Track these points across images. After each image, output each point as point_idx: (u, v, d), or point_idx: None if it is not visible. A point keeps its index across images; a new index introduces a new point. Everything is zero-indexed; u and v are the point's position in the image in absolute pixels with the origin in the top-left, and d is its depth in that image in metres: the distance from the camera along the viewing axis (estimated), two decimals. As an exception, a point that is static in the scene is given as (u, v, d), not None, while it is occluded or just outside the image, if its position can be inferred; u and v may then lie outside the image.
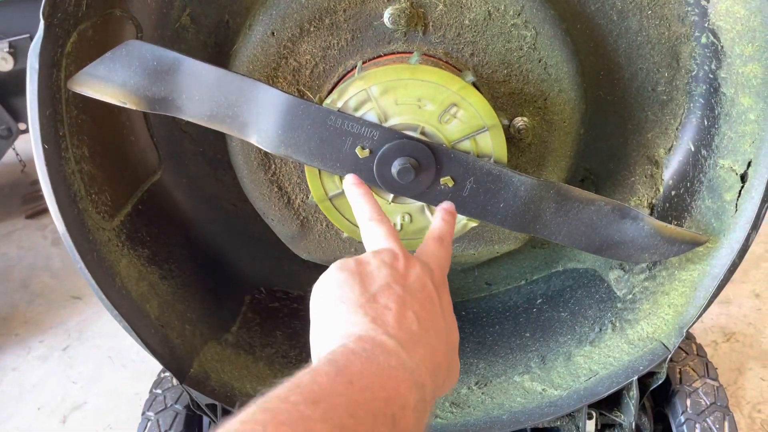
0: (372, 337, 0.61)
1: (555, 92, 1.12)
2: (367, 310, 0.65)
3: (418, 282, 0.71)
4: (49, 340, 2.25)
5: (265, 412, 0.48)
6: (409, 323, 0.65)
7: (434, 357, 0.65)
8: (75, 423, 1.93)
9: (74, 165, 1.05)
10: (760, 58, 0.98)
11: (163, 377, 1.34)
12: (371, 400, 0.53)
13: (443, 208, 0.93)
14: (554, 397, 1.24)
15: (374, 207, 0.86)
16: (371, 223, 0.82)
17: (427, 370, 0.62)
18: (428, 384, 0.62)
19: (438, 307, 0.71)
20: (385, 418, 0.53)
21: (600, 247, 1.08)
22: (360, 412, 0.51)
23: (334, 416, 0.49)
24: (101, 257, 1.09)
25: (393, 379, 0.57)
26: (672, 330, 1.18)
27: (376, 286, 0.68)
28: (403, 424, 0.54)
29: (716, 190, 1.12)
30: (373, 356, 0.58)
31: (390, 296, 0.67)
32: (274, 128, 0.97)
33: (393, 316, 0.64)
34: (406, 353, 0.61)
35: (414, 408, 0.57)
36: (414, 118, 1.00)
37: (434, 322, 0.69)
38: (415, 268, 0.72)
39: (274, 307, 1.48)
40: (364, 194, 0.90)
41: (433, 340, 0.66)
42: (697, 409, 1.21)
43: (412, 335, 0.64)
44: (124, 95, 0.96)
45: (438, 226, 0.87)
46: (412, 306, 0.67)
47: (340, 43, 1.08)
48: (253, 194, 1.21)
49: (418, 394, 0.58)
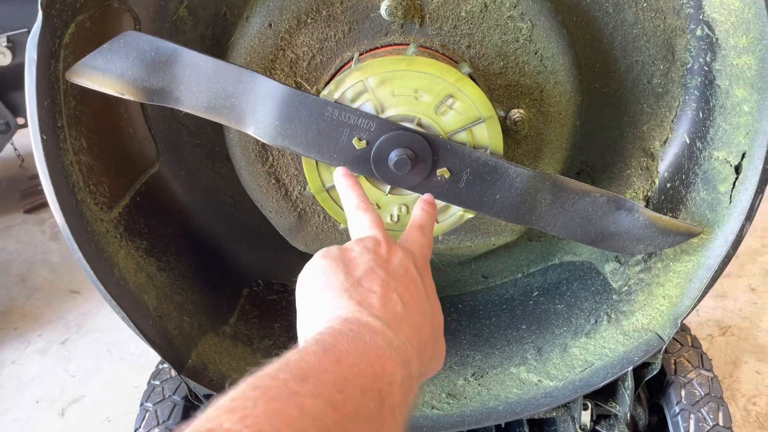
0: (358, 319, 0.63)
1: (551, 84, 1.13)
2: (352, 294, 0.67)
3: (401, 266, 0.73)
4: (48, 334, 2.26)
5: (255, 389, 0.49)
6: (394, 304, 0.67)
7: (420, 336, 0.67)
8: (73, 416, 1.94)
9: (72, 156, 1.05)
10: (754, 49, 0.98)
11: (161, 369, 1.35)
12: (358, 375, 0.55)
13: (424, 200, 0.95)
14: (550, 388, 1.25)
15: (361, 196, 0.88)
16: (357, 211, 0.84)
17: (413, 348, 0.64)
18: (414, 361, 0.63)
19: (422, 289, 0.73)
20: (372, 393, 0.54)
21: (595, 239, 1.09)
22: (348, 388, 0.53)
23: (323, 391, 0.51)
24: (99, 248, 1.09)
25: (380, 357, 0.58)
26: (667, 321, 1.18)
27: (360, 271, 0.70)
28: (390, 399, 0.56)
29: (711, 182, 1.12)
30: (359, 336, 0.60)
31: (374, 280, 0.69)
32: (271, 119, 0.97)
33: (378, 298, 0.66)
34: (392, 332, 0.63)
35: (401, 384, 0.59)
36: (411, 110, 1.00)
37: (419, 303, 0.71)
38: (397, 254, 0.74)
39: (272, 299, 1.48)
40: (352, 185, 0.92)
41: (417, 320, 0.68)
42: (692, 399, 1.22)
43: (397, 315, 0.66)
44: (122, 86, 0.97)
45: (419, 215, 0.90)
46: (396, 288, 0.69)
47: (337, 34, 1.09)
48: (251, 186, 1.21)
49: (405, 370, 0.60)
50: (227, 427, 0.44)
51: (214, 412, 0.46)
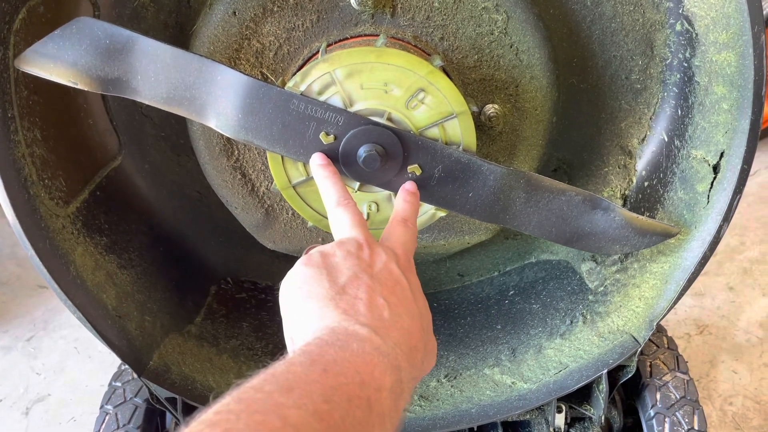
0: (345, 328, 0.62)
1: (527, 79, 1.09)
2: (337, 303, 0.65)
3: (384, 269, 0.71)
4: (14, 330, 2.20)
5: (239, 402, 0.48)
6: (381, 310, 0.66)
7: (410, 340, 0.66)
8: (38, 415, 1.88)
9: (25, 148, 1.00)
10: (734, 45, 0.95)
11: (123, 369, 1.30)
12: (345, 384, 0.53)
13: (405, 189, 0.93)
14: (524, 391, 1.23)
15: (341, 190, 0.85)
16: (338, 209, 0.82)
17: (402, 352, 0.63)
18: (405, 366, 0.62)
19: (408, 291, 0.71)
20: (360, 401, 0.53)
21: (570, 239, 1.06)
22: (334, 397, 0.51)
23: (308, 402, 0.49)
24: (54, 245, 1.04)
25: (368, 364, 0.57)
26: (642, 323, 1.16)
27: (344, 277, 0.69)
28: (379, 406, 0.55)
29: (689, 181, 1.10)
30: (346, 344, 0.59)
31: (359, 286, 0.68)
32: (233, 112, 0.93)
33: (364, 305, 0.65)
34: (380, 338, 0.62)
35: (390, 390, 0.57)
36: (380, 103, 0.96)
37: (406, 306, 0.69)
38: (380, 256, 0.73)
39: (241, 297, 1.44)
40: (330, 176, 0.88)
41: (406, 323, 0.67)
42: (667, 402, 1.20)
43: (385, 321, 0.65)
44: (75, 75, 0.92)
45: (401, 207, 0.87)
46: (381, 293, 0.68)
47: (305, 24, 1.04)
48: (216, 181, 1.17)
49: (394, 376, 0.59)
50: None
51: (197, 427, 0.45)
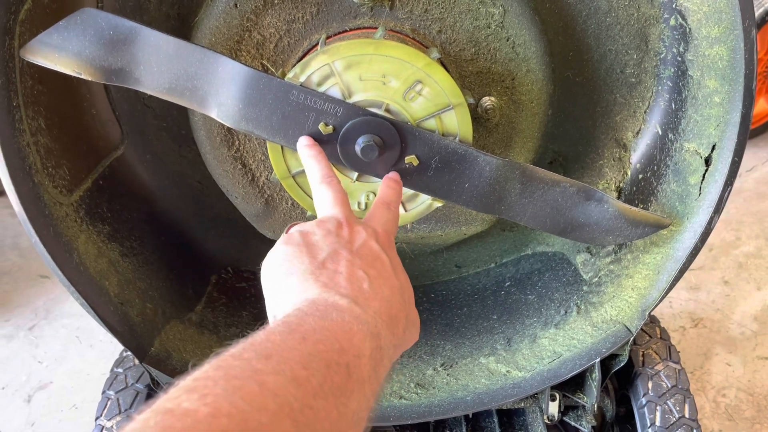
0: (325, 299, 0.63)
1: (523, 72, 1.11)
2: (317, 277, 0.66)
3: (364, 246, 0.73)
4: (16, 319, 2.22)
5: (218, 369, 0.49)
6: (360, 281, 0.67)
7: (390, 309, 0.67)
8: (40, 402, 1.91)
9: (29, 137, 1.02)
10: (726, 39, 0.97)
11: (125, 356, 1.32)
12: (324, 351, 0.54)
13: (388, 177, 0.96)
14: (518, 379, 1.25)
15: (324, 168, 0.87)
16: (321, 186, 0.84)
17: (382, 321, 0.64)
18: (385, 333, 0.64)
19: (388, 265, 0.73)
20: (338, 366, 0.54)
21: (564, 229, 1.08)
22: (313, 363, 0.52)
23: (286, 368, 0.50)
24: (58, 233, 1.06)
25: (347, 332, 0.58)
26: (635, 313, 1.18)
27: (324, 254, 0.70)
28: (358, 372, 0.56)
29: (681, 174, 1.12)
30: (326, 314, 0.60)
31: (338, 261, 0.69)
32: (234, 102, 0.95)
33: (344, 278, 0.67)
34: (360, 308, 0.63)
35: (370, 356, 0.58)
36: (378, 95, 0.98)
37: (386, 279, 0.71)
38: (360, 234, 0.75)
39: (241, 287, 1.46)
40: (315, 155, 0.90)
41: (387, 294, 0.68)
42: (659, 391, 1.22)
43: (364, 291, 0.66)
44: (79, 65, 0.93)
45: (384, 192, 0.90)
46: (361, 266, 0.69)
47: (305, 16, 1.06)
48: (217, 171, 1.19)
49: (374, 342, 0.60)
50: (186, 407, 0.43)
51: (175, 392, 0.46)
